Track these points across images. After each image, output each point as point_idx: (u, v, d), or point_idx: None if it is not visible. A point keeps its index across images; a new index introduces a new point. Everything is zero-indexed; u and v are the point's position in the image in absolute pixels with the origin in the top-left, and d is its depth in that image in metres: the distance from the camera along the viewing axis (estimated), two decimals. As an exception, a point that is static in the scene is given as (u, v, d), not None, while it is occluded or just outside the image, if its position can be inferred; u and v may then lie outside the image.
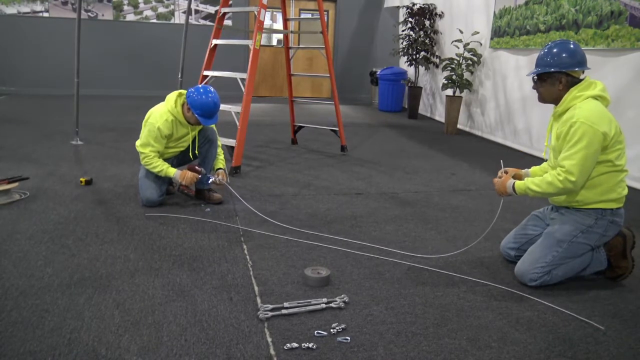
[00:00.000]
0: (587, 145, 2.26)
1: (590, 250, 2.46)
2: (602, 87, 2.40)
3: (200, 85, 3.35)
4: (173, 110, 3.31)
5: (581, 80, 2.41)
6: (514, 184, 2.51)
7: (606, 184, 2.37)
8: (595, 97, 2.36)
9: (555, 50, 2.41)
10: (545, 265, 2.39)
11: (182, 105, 3.33)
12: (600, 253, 2.50)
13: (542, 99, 2.51)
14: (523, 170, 2.72)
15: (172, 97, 3.35)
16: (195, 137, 3.47)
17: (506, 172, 2.66)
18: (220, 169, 3.54)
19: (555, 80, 2.41)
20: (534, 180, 2.43)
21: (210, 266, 2.55)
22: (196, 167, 3.35)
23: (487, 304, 2.27)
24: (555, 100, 2.46)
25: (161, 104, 3.38)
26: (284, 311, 2.11)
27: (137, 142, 3.34)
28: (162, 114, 3.30)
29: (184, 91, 3.35)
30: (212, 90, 3.32)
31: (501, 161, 2.79)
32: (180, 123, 3.36)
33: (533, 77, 2.50)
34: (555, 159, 2.44)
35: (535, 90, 2.54)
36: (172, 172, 3.32)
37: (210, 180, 3.38)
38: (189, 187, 3.34)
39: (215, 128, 3.63)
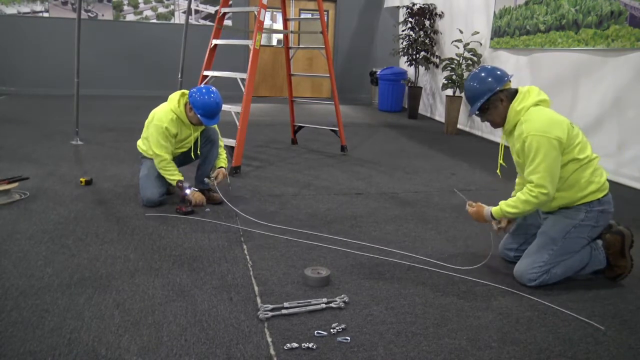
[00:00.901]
0: (546, 155, 2.30)
1: (587, 244, 2.48)
2: (536, 91, 2.45)
3: (202, 85, 3.36)
4: (176, 109, 3.31)
5: (515, 90, 2.47)
6: (490, 211, 2.52)
7: (582, 180, 2.39)
8: (536, 104, 2.40)
9: (476, 82, 2.49)
10: (543, 265, 2.40)
11: (185, 105, 3.33)
12: (600, 252, 2.50)
13: (496, 124, 2.55)
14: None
15: (175, 96, 3.36)
16: (197, 138, 3.47)
17: (500, 223, 2.64)
18: (221, 167, 3.55)
19: (495, 102, 2.46)
20: (509, 202, 2.45)
21: (210, 266, 2.55)
22: (179, 184, 3.36)
23: (487, 304, 2.27)
24: (505, 119, 2.50)
25: (164, 104, 3.38)
26: (284, 311, 2.11)
27: (152, 145, 3.29)
28: (166, 113, 3.30)
29: (186, 91, 3.35)
30: (214, 90, 3.32)
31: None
32: (184, 123, 3.36)
33: (475, 114, 2.54)
34: (522, 172, 2.49)
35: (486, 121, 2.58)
36: (181, 183, 3.34)
37: (207, 184, 3.39)
38: (186, 204, 3.32)
39: (217, 129, 3.63)
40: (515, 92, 2.47)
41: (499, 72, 2.48)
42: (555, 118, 2.37)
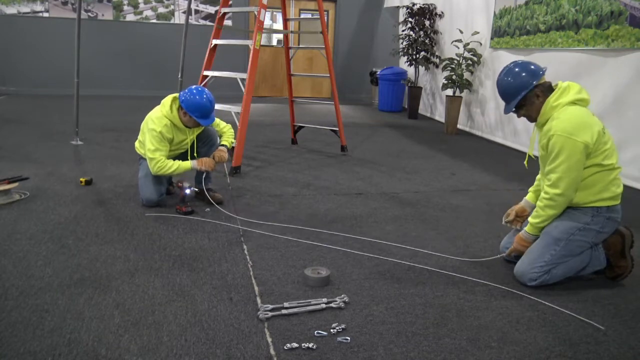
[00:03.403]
0: (568, 157, 2.28)
1: (589, 248, 2.46)
2: (577, 88, 2.40)
3: (191, 87, 3.32)
4: (169, 115, 3.28)
5: (555, 85, 2.44)
6: (525, 231, 2.51)
7: (599, 184, 2.37)
8: (574, 102, 2.36)
9: (511, 78, 2.46)
10: (544, 265, 2.39)
11: (178, 110, 3.31)
12: (600, 252, 2.50)
13: (532, 118, 2.52)
14: (522, 202, 2.75)
15: (167, 101, 3.32)
16: (193, 141, 3.46)
17: (508, 216, 2.70)
18: (223, 145, 3.52)
19: (532, 98, 2.43)
20: (534, 214, 2.47)
21: (210, 266, 2.55)
22: (179, 184, 3.36)
23: (487, 304, 2.27)
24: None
25: (157, 108, 3.35)
26: (284, 311, 2.11)
27: (147, 150, 3.28)
28: (159, 119, 3.27)
29: (177, 95, 3.31)
30: (203, 89, 3.29)
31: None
32: (178, 128, 3.34)
33: (512, 111, 2.52)
34: (544, 168, 2.48)
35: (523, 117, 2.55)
36: (188, 164, 3.33)
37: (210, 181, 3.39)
38: (186, 204, 3.31)
39: (218, 121, 3.59)
40: (550, 85, 2.43)
41: (533, 67, 2.43)
42: (586, 121, 2.32)
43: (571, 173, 2.30)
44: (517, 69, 2.45)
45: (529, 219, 2.49)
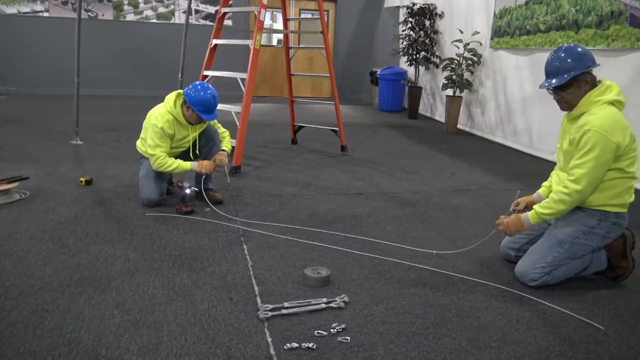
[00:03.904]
0: (599, 154, 2.23)
1: (592, 251, 2.46)
2: (618, 90, 2.35)
3: (196, 83, 3.36)
4: (172, 110, 3.31)
5: (598, 81, 2.37)
6: (528, 217, 2.41)
7: (615, 189, 2.35)
8: (612, 103, 2.32)
9: (570, 55, 2.33)
10: (546, 266, 2.39)
11: (182, 106, 3.33)
12: (601, 253, 2.50)
13: (570, 105, 2.39)
14: (534, 195, 2.68)
15: (171, 97, 3.35)
16: (195, 139, 3.47)
17: (517, 205, 2.63)
18: (223, 150, 3.53)
19: (581, 82, 2.33)
20: (543, 204, 2.37)
21: (210, 266, 2.55)
22: (179, 184, 3.36)
23: (487, 304, 2.27)
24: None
25: (160, 105, 3.38)
26: (284, 311, 2.11)
27: (147, 146, 3.29)
28: (162, 114, 3.30)
29: (181, 91, 3.35)
30: (208, 85, 3.33)
31: (518, 191, 2.70)
32: (180, 124, 3.36)
33: (552, 88, 2.37)
34: (566, 162, 2.42)
35: (557, 100, 2.42)
36: (188, 165, 3.33)
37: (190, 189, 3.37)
38: (186, 204, 3.32)
39: (218, 125, 3.61)
40: (594, 80, 2.36)
41: (591, 55, 2.34)
42: (623, 123, 2.28)
43: (596, 171, 2.26)
44: (579, 49, 2.33)
45: (536, 207, 2.40)
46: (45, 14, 9.27)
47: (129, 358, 1.77)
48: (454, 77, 6.90)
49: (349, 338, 1.94)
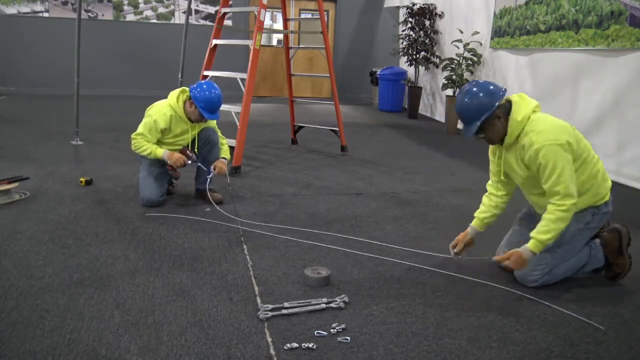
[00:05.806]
0: (562, 161, 2.22)
1: (586, 243, 2.49)
2: (526, 97, 2.35)
3: (203, 81, 3.39)
4: (174, 105, 3.34)
5: (509, 102, 2.34)
6: (528, 249, 2.29)
7: (594, 185, 2.37)
8: (534, 111, 2.31)
9: (471, 99, 2.30)
10: (545, 266, 2.39)
11: (185, 102, 3.35)
12: (598, 250, 2.51)
13: (493, 141, 2.41)
14: (469, 231, 2.63)
15: (174, 93, 3.40)
16: (195, 138, 3.47)
17: (454, 247, 2.59)
18: (224, 158, 3.54)
19: (493, 120, 2.32)
20: (540, 229, 2.28)
21: (210, 266, 2.55)
22: (187, 152, 3.37)
23: (487, 304, 2.27)
24: (504, 134, 2.37)
25: (165, 99, 3.41)
26: (284, 311, 2.11)
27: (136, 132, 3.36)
28: (162, 108, 3.34)
29: (187, 88, 3.37)
30: (215, 86, 3.36)
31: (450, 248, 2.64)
32: (180, 119, 3.37)
33: (474, 135, 2.37)
34: (532, 187, 2.41)
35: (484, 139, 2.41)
36: (161, 152, 3.32)
37: (210, 174, 3.39)
38: (175, 170, 3.36)
39: (218, 131, 3.61)
40: (507, 104, 2.34)
41: (492, 87, 2.32)
42: (558, 122, 2.30)
43: (571, 174, 2.26)
44: (475, 89, 2.31)
45: (534, 235, 2.28)
46: (45, 14, 9.27)
47: (129, 358, 1.77)
48: (454, 77, 6.90)
49: (349, 338, 1.94)
